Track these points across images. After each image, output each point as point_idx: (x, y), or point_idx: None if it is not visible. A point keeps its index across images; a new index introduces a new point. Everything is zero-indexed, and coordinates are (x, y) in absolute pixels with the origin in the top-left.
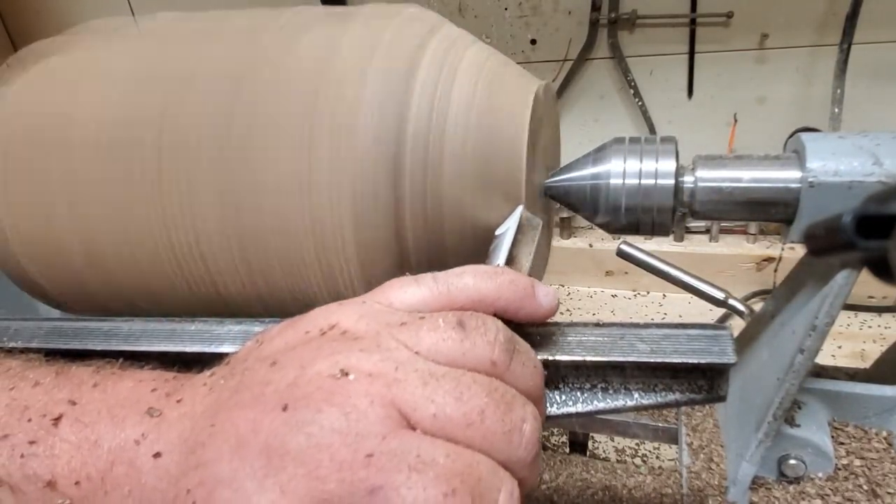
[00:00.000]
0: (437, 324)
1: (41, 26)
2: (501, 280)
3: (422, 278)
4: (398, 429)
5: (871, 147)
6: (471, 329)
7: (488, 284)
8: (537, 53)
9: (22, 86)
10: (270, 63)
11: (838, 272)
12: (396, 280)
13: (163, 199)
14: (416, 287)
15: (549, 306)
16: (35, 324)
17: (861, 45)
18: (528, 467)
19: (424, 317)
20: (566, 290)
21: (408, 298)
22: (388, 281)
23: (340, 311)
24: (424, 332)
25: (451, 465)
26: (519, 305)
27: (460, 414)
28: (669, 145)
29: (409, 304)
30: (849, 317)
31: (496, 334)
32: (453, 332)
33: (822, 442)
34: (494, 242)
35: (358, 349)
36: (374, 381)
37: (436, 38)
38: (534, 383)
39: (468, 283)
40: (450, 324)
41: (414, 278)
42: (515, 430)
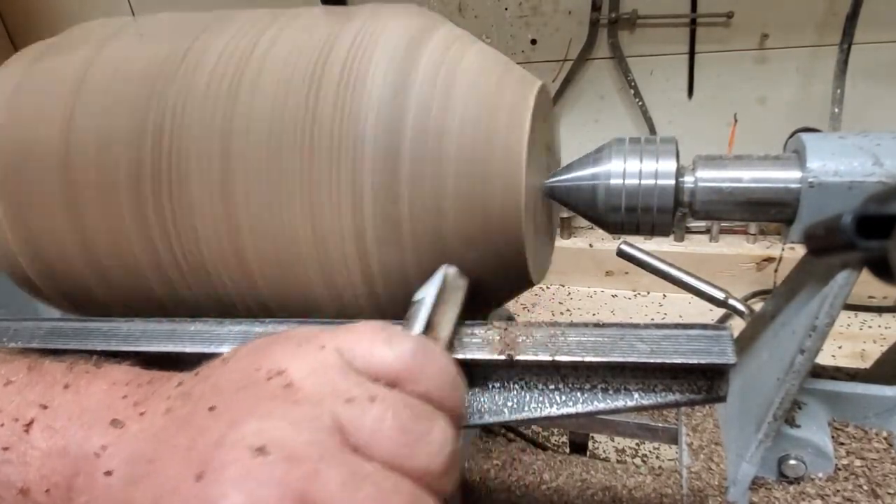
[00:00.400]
0: (385, 417)
1: (41, 26)
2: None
3: (397, 339)
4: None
5: (871, 147)
6: (415, 436)
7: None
8: (537, 53)
9: (22, 86)
10: (269, 66)
11: (838, 272)
12: (371, 327)
13: (163, 200)
14: (388, 349)
15: None
16: (35, 324)
17: (861, 45)
18: None
19: (375, 399)
20: (566, 290)
21: (374, 360)
22: (362, 322)
23: (294, 357)
24: (369, 421)
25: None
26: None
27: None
28: (669, 145)
29: (375, 371)
30: (849, 317)
31: (441, 447)
32: (397, 433)
33: (822, 442)
34: (411, 309)
35: (289, 421)
36: (294, 468)
37: (435, 38)
38: (450, 490)
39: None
40: (397, 423)
41: (390, 335)
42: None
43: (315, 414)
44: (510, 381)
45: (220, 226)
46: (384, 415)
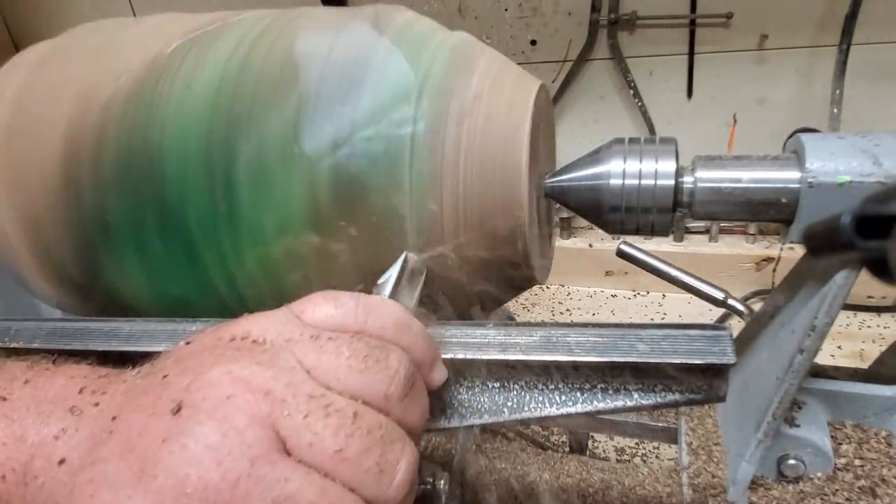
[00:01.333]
0: (340, 349)
1: (43, 27)
2: (416, 339)
3: (342, 299)
4: (271, 453)
5: (871, 147)
6: (372, 361)
7: (404, 338)
8: (537, 54)
9: (23, 86)
10: (267, 70)
11: (838, 272)
12: (319, 294)
13: (164, 200)
14: (332, 307)
15: (437, 384)
16: (36, 324)
17: (860, 46)
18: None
19: (332, 337)
20: (566, 290)
21: (322, 316)
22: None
23: (255, 320)
24: (326, 356)
25: (315, 500)
26: (418, 367)
27: (334, 448)
28: (669, 146)
29: (323, 322)
30: (848, 317)
31: (397, 371)
32: (354, 361)
33: (822, 442)
34: (374, 289)
35: (255, 362)
36: (260, 399)
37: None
38: (419, 422)
39: (387, 325)
40: (353, 352)
41: (335, 297)
42: (388, 470)
43: (278, 356)
44: (510, 381)
45: (223, 227)
46: (339, 349)
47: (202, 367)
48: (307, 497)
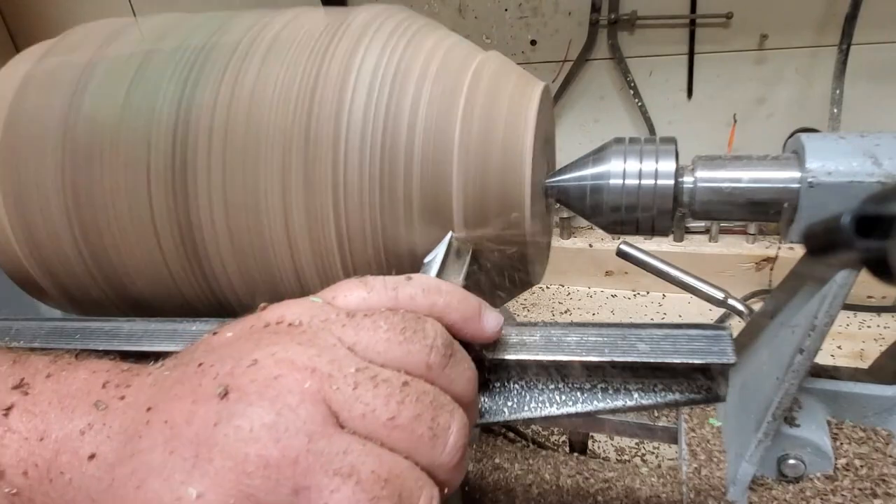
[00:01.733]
0: (377, 324)
1: (43, 27)
2: (450, 297)
3: (371, 281)
4: (327, 427)
5: (871, 147)
6: (410, 332)
7: (436, 298)
8: (537, 54)
9: (24, 86)
10: (266, 73)
11: (838, 272)
12: (347, 281)
13: (166, 199)
14: (363, 290)
15: (492, 330)
16: (37, 324)
17: (860, 46)
18: (451, 472)
19: (367, 315)
20: (566, 290)
21: (354, 299)
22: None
23: (287, 306)
24: (364, 331)
25: (375, 471)
26: (464, 324)
27: (387, 416)
28: (669, 146)
29: (356, 305)
30: (848, 317)
31: (434, 339)
32: (392, 333)
33: (822, 441)
34: (422, 269)
35: (296, 343)
36: (308, 376)
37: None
38: (466, 389)
39: (416, 293)
40: (390, 325)
41: (363, 280)
42: (441, 435)
43: (318, 336)
44: (510, 381)
45: (218, 220)
46: (376, 323)
47: (242, 352)
48: (368, 466)
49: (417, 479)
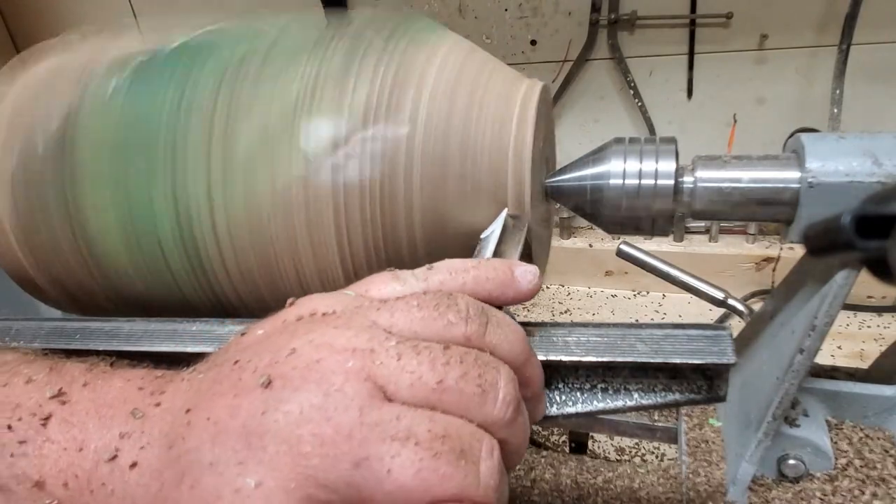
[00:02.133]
0: (410, 304)
1: (43, 28)
2: (478, 271)
3: (402, 274)
4: (376, 401)
5: (871, 147)
6: (442, 307)
7: (464, 277)
8: (537, 54)
9: (24, 86)
10: (266, 74)
11: (838, 272)
12: (378, 275)
13: (166, 199)
14: (396, 283)
15: (528, 286)
16: (36, 324)
17: (860, 46)
18: (507, 427)
19: (400, 298)
20: (566, 290)
21: (387, 292)
22: (370, 276)
23: (319, 298)
24: (399, 313)
25: (431, 430)
26: (501, 291)
27: (435, 380)
28: (669, 146)
29: (387, 296)
30: (848, 317)
31: (466, 309)
32: (426, 310)
33: (822, 441)
34: (480, 245)
35: (332, 327)
36: (349, 356)
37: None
38: (513, 347)
39: (444, 277)
40: (423, 304)
41: (394, 274)
42: (490, 391)
43: (353, 320)
44: None
45: (222, 223)
46: (409, 305)
47: (278, 344)
48: (424, 427)
49: (473, 433)
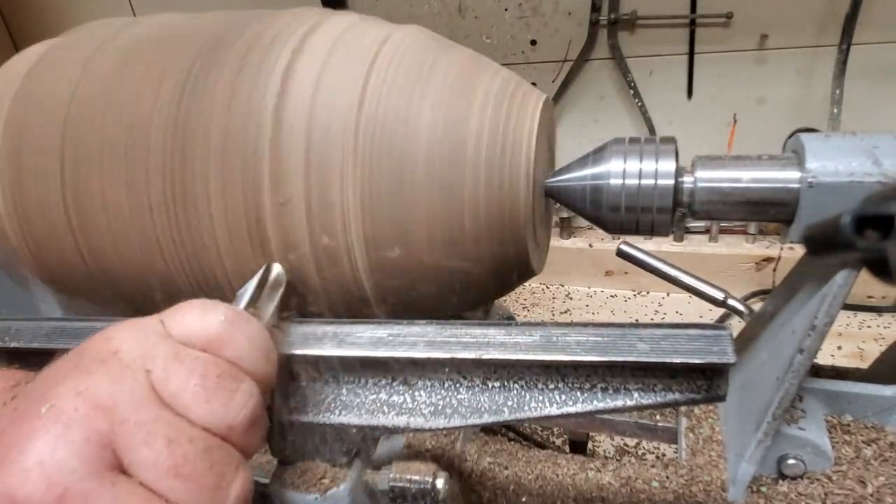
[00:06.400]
0: (192, 375)
1: (43, 27)
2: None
3: (210, 312)
4: (104, 470)
5: (870, 147)
6: (222, 391)
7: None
8: (537, 54)
9: (23, 85)
10: (266, 70)
11: (838, 272)
12: (192, 302)
13: (166, 196)
14: (198, 319)
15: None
16: (36, 324)
17: (860, 46)
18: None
19: (186, 360)
20: (566, 290)
21: (188, 325)
22: (188, 301)
23: (121, 330)
24: (175, 377)
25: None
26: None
27: (171, 464)
28: (669, 146)
29: (188, 333)
30: (848, 317)
31: (245, 403)
32: (202, 390)
33: (822, 441)
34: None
35: (106, 375)
36: (101, 415)
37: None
38: (257, 447)
39: (248, 349)
40: (204, 378)
41: (202, 308)
42: (222, 490)
43: (130, 371)
44: (510, 381)
45: (220, 213)
46: (190, 374)
47: (59, 376)
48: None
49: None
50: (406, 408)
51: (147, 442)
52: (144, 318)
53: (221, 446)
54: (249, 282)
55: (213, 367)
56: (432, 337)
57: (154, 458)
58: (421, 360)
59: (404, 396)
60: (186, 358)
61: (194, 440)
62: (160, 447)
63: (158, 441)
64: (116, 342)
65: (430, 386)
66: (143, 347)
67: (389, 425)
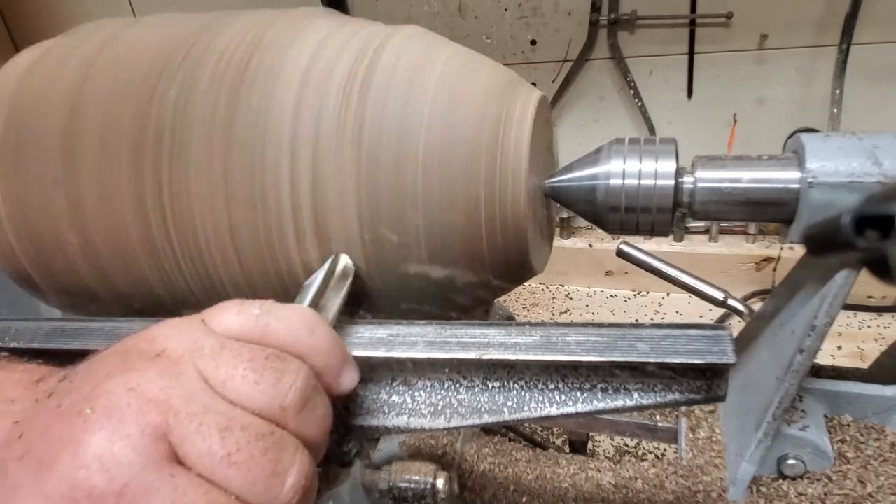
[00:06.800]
0: (238, 361)
1: (43, 27)
2: (320, 340)
3: (246, 307)
4: (162, 461)
5: (870, 147)
6: (270, 372)
7: (306, 339)
8: (537, 54)
9: (23, 86)
10: (263, 71)
11: (837, 272)
12: (226, 303)
13: (162, 197)
14: (235, 315)
15: (344, 388)
16: (36, 324)
17: (860, 46)
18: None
19: (232, 349)
20: (566, 290)
21: (227, 323)
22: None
23: (164, 328)
24: (224, 367)
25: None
26: (321, 373)
27: (225, 453)
28: (669, 146)
29: (228, 330)
30: (848, 317)
31: (294, 381)
32: (251, 372)
33: (822, 441)
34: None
35: (155, 371)
36: (154, 408)
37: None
38: (317, 434)
39: (289, 328)
40: (252, 362)
41: (240, 305)
42: (278, 477)
43: (178, 365)
44: (510, 381)
45: (219, 217)
46: (237, 360)
47: (104, 374)
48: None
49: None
50: (406, 408)
51: (200, 432)
52: (184, 318)
53: (275, 432)
54: (316, 273)
55: (259, 351)
56: (432, 337)
57: (208, 447)
58: (421, 360)
59: (404, 396)
60: (233, 347)
61: (247, 427)
62: (213, 436)
63: (212, 430)
64: (162, 340)
65: (430, 386)
66: (188, 343)
67: (389, 425)
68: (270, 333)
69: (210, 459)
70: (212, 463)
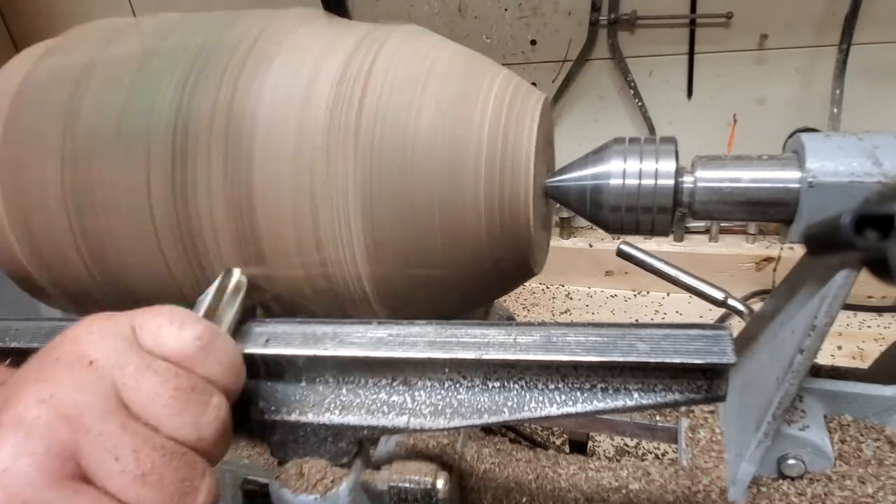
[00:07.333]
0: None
1: (43, 27)
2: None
3: (189, 323)
4: (64, 480)
5: (870, 147)
6: (193, 404)
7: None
8: (537, 54)
9: (24, 86)
10: (266, 69)
11: (838, 272)
12: (166, 310)
13: (166, 197)
14: (175, 330)
15: None
16: (36, 324)
17: (860, 46)
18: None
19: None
20: (566, 290)
21: (163, 338)
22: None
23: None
24: (146, 389)
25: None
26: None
27: (139, 473)
28: (669, 146)
29: (161, 345)
30: (848, 317)
31: (217, 415)
32: (174, 401)
33: (822, 441)
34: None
35: (72, 382)
36: (63, 424)
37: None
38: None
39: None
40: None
41: (181, 319)
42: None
43: (97, 379)
44: (510, 381)
45: (227, 218)
46: (163, 386)
47: (22, 380)
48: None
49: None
50: (406, 408)
51: (113, 451)
52: (113, 319)
53: (188, 454)
54: (209, 289)
55: (186, 380)
56: (432, 337)
57: (121, 467)
58: (421, 360)
59: (404, 396)
60: (159, 369)
61: (161, 449)
62: (127, 456)
63: (125, 450)
64: (84, 345)
65: (430, 386)
66: (112, 354)
67: (389, 425)
68: (203, 365)
69: (122, 479)
70: (124, 482)
